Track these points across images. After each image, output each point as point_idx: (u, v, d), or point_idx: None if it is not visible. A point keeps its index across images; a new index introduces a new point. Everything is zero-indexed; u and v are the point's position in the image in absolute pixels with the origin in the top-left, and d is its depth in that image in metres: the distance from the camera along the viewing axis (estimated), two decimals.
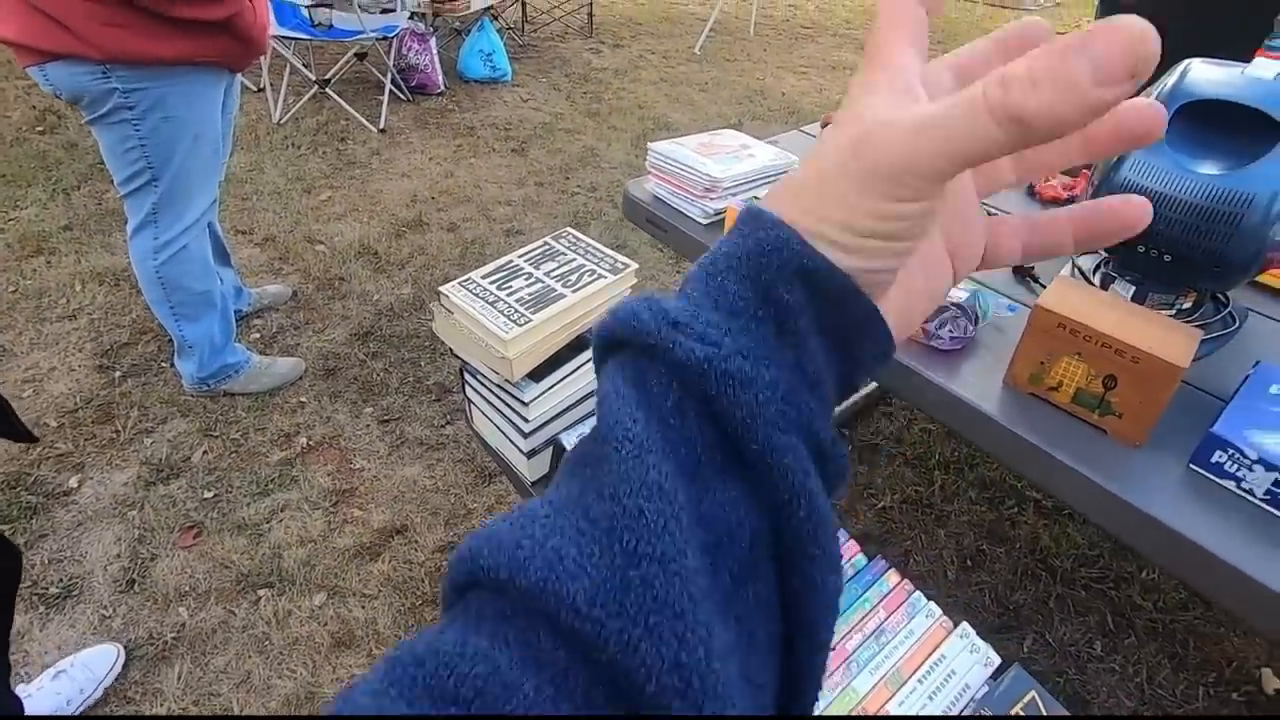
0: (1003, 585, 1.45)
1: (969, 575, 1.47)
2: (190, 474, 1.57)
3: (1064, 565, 1.50)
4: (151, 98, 1.42)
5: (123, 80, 1.37)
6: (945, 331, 0.95)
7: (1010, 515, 1.60)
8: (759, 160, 1.29)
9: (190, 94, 1.47)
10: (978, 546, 1.53)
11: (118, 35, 1.33)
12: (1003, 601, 1.42)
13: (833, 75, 4.81)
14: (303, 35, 3.45)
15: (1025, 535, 1.56)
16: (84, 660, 1.17)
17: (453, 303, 1.02)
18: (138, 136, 1.45)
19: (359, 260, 2.40)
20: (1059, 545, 1.54)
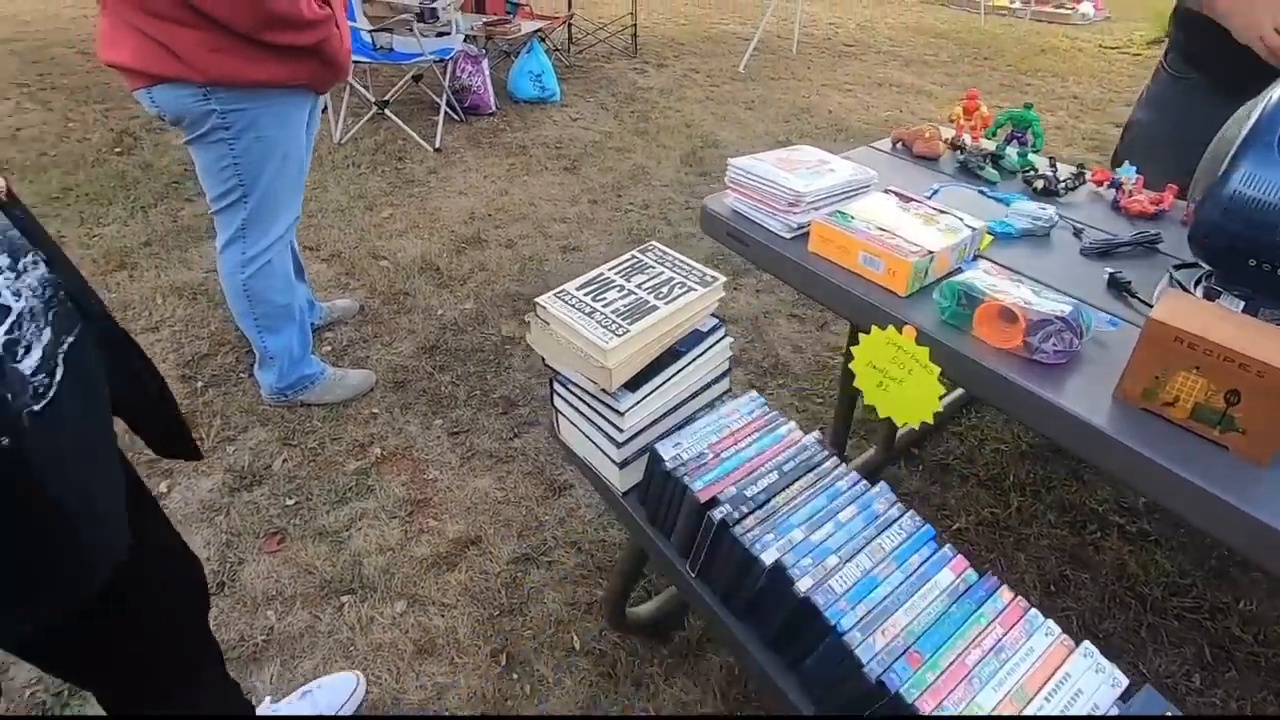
0: (1089, 613, 1.40)
1: (1053, 601, 1.43)
2: (272, 481, 1.62)
3: (1154, 594, 1.44)
4: (246, 118, 1.49)
5: (221, 102, 1.45)
6: (1049, 345, 0.94)
7: (1093, 540, 1.55)
8: (840, 175, 1.30)
9: (281, 115, 1.54)
10: (1060, 571, 1.48)
11: (219, 60, 1.40)
12: (1090, 629, 1.38)
13: (879, 92, 4.80)
14: (364, 59, 3.59)
15: (1110, 561, 1.51)
16: (328, 684, 1.21)
17: (550, 314, 1.04)
18: (232, 155, 1.52)
19: (422, 275, 2.46)
20: (1147, 572, 1.49)
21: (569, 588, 1.42)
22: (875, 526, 0.89)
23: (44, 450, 0.54)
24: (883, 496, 0.94)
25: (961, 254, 1.16)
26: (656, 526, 1.03)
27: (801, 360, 2.14)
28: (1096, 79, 5.42)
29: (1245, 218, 0.92)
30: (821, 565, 0.83)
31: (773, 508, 0.91)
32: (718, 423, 1.05)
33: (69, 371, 0.59)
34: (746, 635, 0.90)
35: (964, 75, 5.34)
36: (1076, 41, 6.69)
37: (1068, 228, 1.30)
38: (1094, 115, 4.55)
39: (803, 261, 1.19)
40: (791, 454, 0.99)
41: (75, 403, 0.59)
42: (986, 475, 1.72)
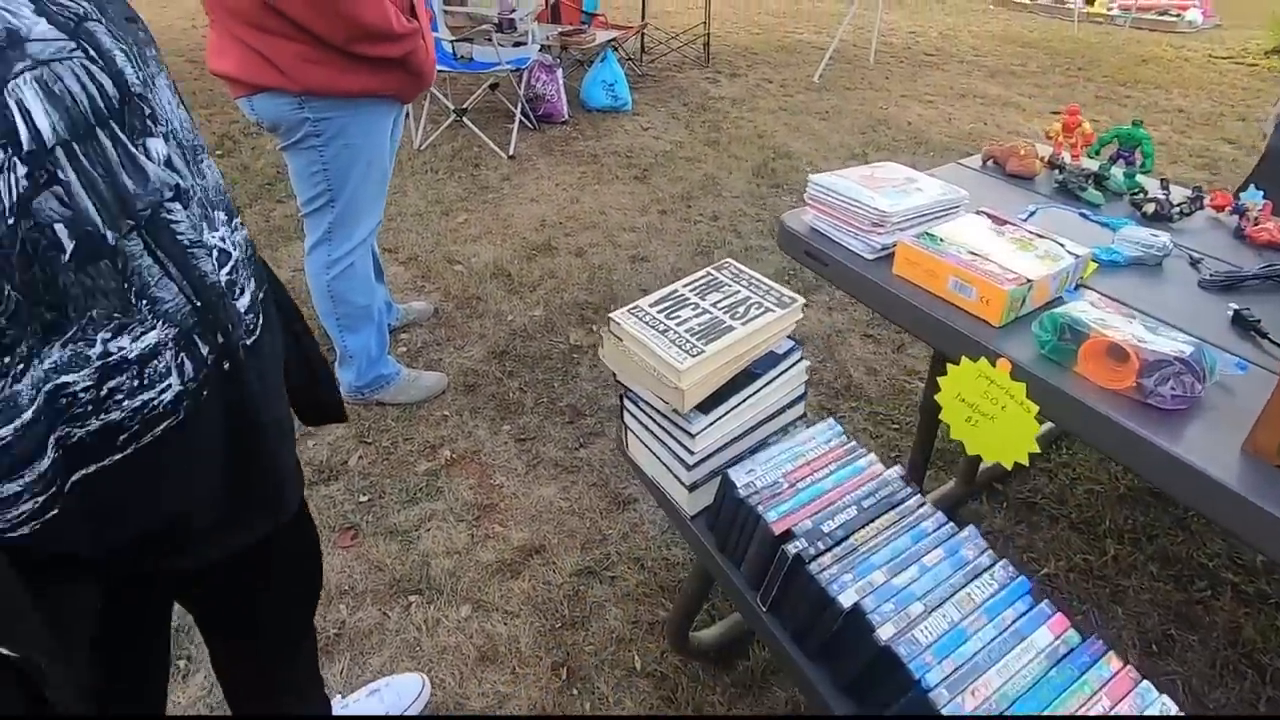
0: (1198, 679, 1.28)
1: (1155, 663, 1.31)
2: (347, 477, 1.67)
3: (1274, 663, 1.31)
4: (336, 126, 1.55)
5: (314, 110, 1.52)
6: (1167, 389, 0.86)
7: (1202, 598, 1.42)
8: (928, 194, 1.24)
9: (368, 123, 1.60)
10: (1164, 630, 1.36)
11: (314, 70, 1.47)
12: (1199, 699, 1.26)
13: (962, 104, 4.62)
14: (444, 68, 3.70)
15: (1223, 623, 1.37)
16: (396, 684, 1.24)
17: (624, 330, 1.03)
18: (322, 161, 1.59)
19: (494, 281, 2.51)
20: (1266, 639, 1.35)
21: (631, 605, 1.41)
22: (964, 574, 0.84)
23: (254, 379, 0.62)
24: (972, 542, 0.88)
25: (1063, 283, 1.09)
26: (726, 554, 1.01)
27: (876, 383, 2.07)
28: (1205, 91, 5.05)
29: None
30: (905, 613, 0.78)
31: (851, 545, 0.86)
32: (793, 450, 1.02)
33: (265, 317, 0.67)
34: (818, 677, 0.86)
35: (1055, 87, 5.07)
36: (1183, 51, 6.27)
37: (1183, 257, 1.20)
38: (1203, 130, 4.24)
39: (886, 285, 1.14)
40: (872, 488, 0.95)
41: (269, 345, 0.67)
42: (1079, 518, 1.61)
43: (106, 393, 0.49)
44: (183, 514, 0.59)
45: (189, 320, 0.53)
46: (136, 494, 0.54)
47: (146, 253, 0.51)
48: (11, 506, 0.46)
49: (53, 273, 0.45)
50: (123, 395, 0.50)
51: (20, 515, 0.46)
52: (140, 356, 0.50)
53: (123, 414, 0.50)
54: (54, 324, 0.45)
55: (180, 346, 0.53)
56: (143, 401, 0.51)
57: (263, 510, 0.70)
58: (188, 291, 0.53)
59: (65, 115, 0.44)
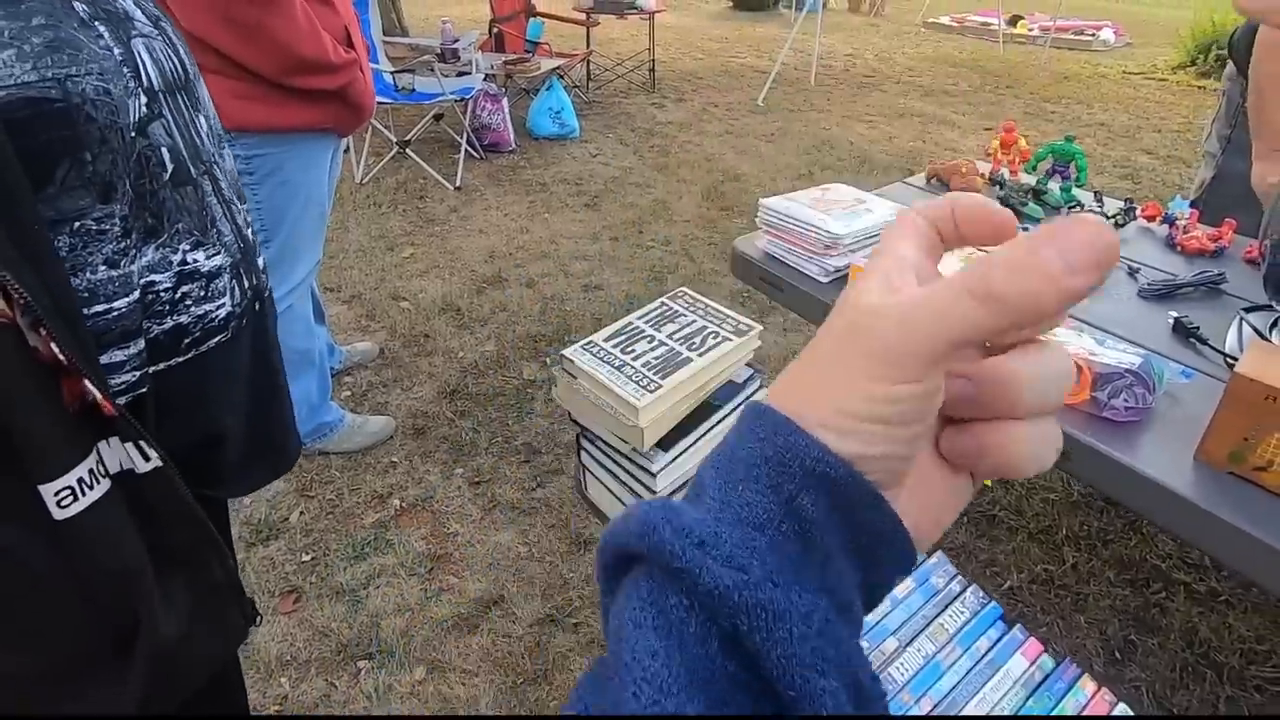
0: (1161, 684, 1.29)
1: (1120, 670, 1.31)
2: (289, 535, 1.57)
3: (1230, 662, 1.33)
4: (271, 163, 1.48)
5: (245, 148, 1.44)
6: (1120, 401, 0.86)
7: (1158, 600, 1.44)
8: (878, 215, 1.24)
9: (305, 159, 1.53)
10: (1125, 636, 1.37)
11: (245, 107, 1.39)
12: (1164, 703, 1.26)
13: (902, 123, 4.78)
14: (386, 100, 3.64)
15: (1180, 625, 1.39)
16: None
17: (577, 367, 0.99)
18: (255, 200, 1.51)
19: (442, 317, 2.44)
20: (1220, 637, 1.37)
21: (597, 652, 1.34)
22: (935, 604, 0.81)
23: (271, 330, 0.76)
24: (941, 569, 0.86)
25: None
26: None
27: None
28: (1123, 105, 5.35)
29: None
30: (879, 650, 0.75)
31: None
32: None
33: None
34: None
35: (986, 104, 5.30)
36: (1099, 68, 6.64)
37: (1122, 267, 1.23)
38: (1123, 142, 4.47)
39: None
40: None
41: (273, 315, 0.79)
42: (1037, 527, 1.62)
43: (180, 295, 0.59)
44: (218, 435, 0.67)
45: (237, 255, 0.65)
46: (193, 396, 0.64)
47: (213, 193, 0.63)
48: (117, 373, 0.55)
49: (156, 186, 0.56)
50: (191, 301, 0.60)
51: (122, 385, 0.55)
52: (209, 272, 0.62)
53: (189, 318, 0.60)
54: (152, 229, 0.57)
55: (234, 275, 0.65)
56: (205, 311, 0.62)
57: (271, 454, 0.78)
58: (235, 234, 0.66)
59: (160, 74, 0.59)
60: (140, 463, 0.52)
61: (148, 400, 0.58)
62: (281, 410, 0.79)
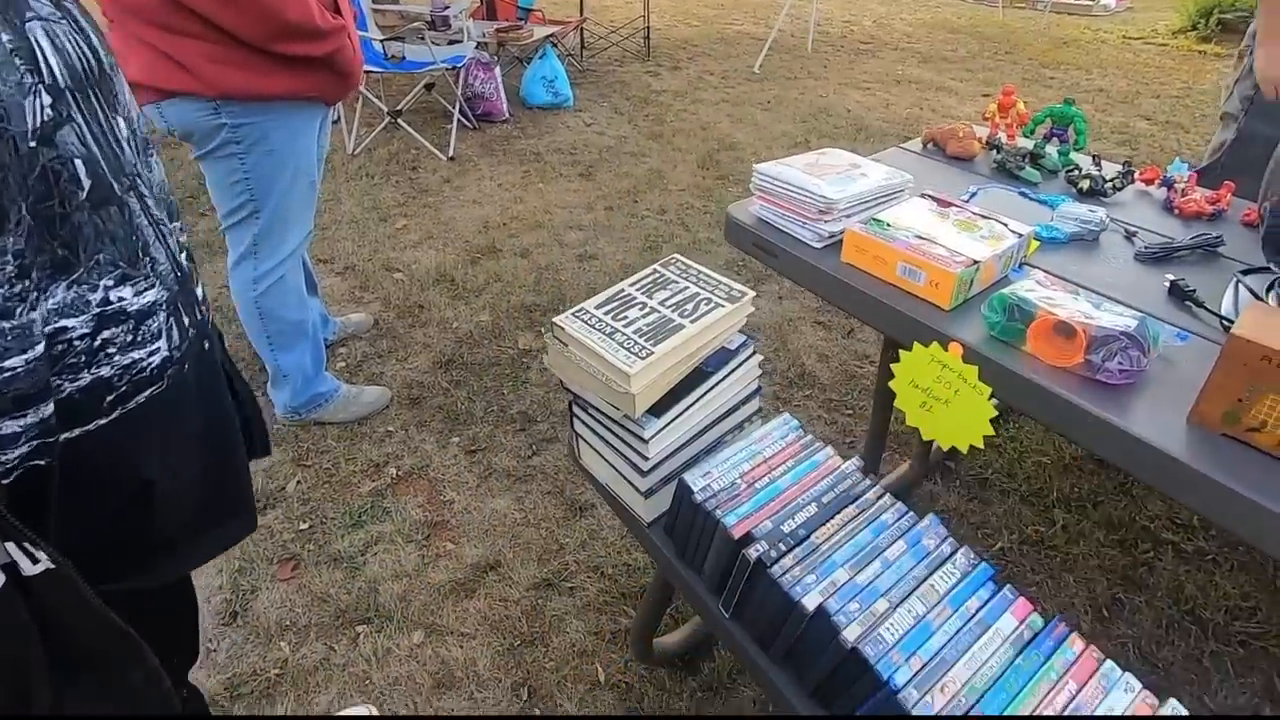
0: (1147, 640, 1.31)
1: (1107, 628, 1.34)
2: (286, 504, 1.57)
3: (1215, 618, 1.35)
4: (258, 132, 1.45)
5: (231, 115, 1.41)
6: (1114, 364, 0.86)
7: (1146, 559, 1.46)
8: (872, 180, 1.22)
9: (293, 128, 1.50)
10: (1113, 594, 1.39)
11: (229, 73, 1.36)
12: (1149, 659, 1.29)
13: (899, 90, 4.70)
14: (376, 69, 3.56)
15: (1166, 583, 1.41)
16: None
17: (569, 335, 0.98)
18: (243, 170, 1.48)
19: (437, 287, 2.42)
20: (1206, 594, 1.39)
21: (592, 615, 1.36)
22: (926, 565, 0.82)
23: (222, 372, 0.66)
24: (933, 531, 0.86)
25: (1008, 262, 1.09)
26: (685, 560, 0.97)
27: (828, 369, 2.07)
28: (1122, 71, 5.26)
29: None
30: (870, 611, 0.76)
31: (812, 544, 0.84)
32: (750, 449, 0.98)
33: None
34: (785, 682, 0.83)
35: (984, 70, 5.22)
36: (1099, 33, 6.53)
37: (1119, 231, 1.22)
38: (1122, 108, 4.41)
39: (836, 273, 1.12)
40: (830, 483, 0.92)
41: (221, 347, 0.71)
42: (1029, 490, 1.63)
43: (100, 343, 0.49)
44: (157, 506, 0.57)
45: (174, 288, 0.55)
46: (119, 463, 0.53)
47: (142, 212, 0.53)
48: (8, 447, 0.43)
49: (69, 209, 0.46)
50: (115, 349, 0.50)
51: (10, 462, 0.44)
52: (139, 311, 0.52)
53: (113, 370, 0.50)
54: (64, 262, 0.46)
55: (171, 311, 0.55)
56: (133, 360, 0.51)
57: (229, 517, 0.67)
58: (169, 261, 0.55)
59: (66, 67, 0.48)
60: (26, 564, 0.43)
61: (50, 479, 0.47)
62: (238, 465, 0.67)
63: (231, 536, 0.68)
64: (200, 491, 0.60)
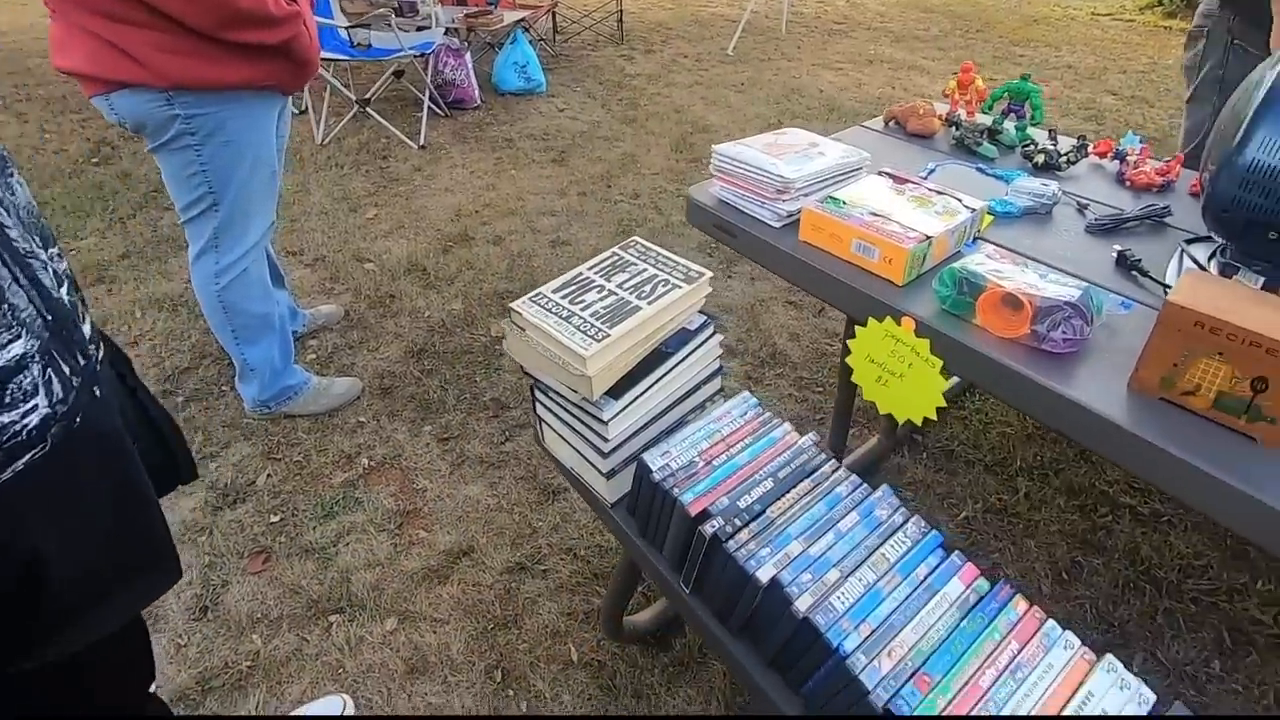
0: (1104, 600, 1.35)
1: (1066, 589, 1.38)
2: (256, 498, 1.57)
3: (1169, 577, 1.39)
4: (213, 122, 1.42)
5: (184, 106, 1.38)
6: (1058, 333, 0.88)
7: (1105, 523, 1.50)
8: (830, 158, 1.23)
9: (249, 118, 1.48)
10: (1072, 558, 1.43)
11: (179, 62, 1.33)
12: (1106, 618, 1.33)
13: (871, 70, 4.70)
14: (342, 56, 3.51)
15: (1123, 545, 1.45)
16: (315, 708, 1.16)
17: (525, 319, 0.98)
18: (199, 162, 1.46)
19: (408, 277, 2.40)
20: (1161, 555, 1.44)
21: (565, 597, 1.37)
22: (878, 535, 0.84)
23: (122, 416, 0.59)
24: (885, 501, 0.88)
25: (961, 237, 1.10)
26: (647, 539, 0.98)
27: (799, 348, 2.09)
28: (1090, 47, 5.30)
29: (1264, 187, 0.86)
30: (821, 581, 0.78)
31: (768, 519, 0.85)
32: (709, 428, 1.00)
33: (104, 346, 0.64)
34: (744, 654, 0.85)
35: (956, 49, 5.23)
36: (1069, 10, 6.56)
37: (1071, 203, 1.24)
38: (1089, 84, 4.45)
39: (794, 251, 1.13)
40: (787, 459, 0.94)
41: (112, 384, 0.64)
42: (993, 460, 1.67)
43: None
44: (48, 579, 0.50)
45: (44, 335, 0.48)
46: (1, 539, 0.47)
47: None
48: None
49: None
50: None
51: None
52: (5, 367, 0.45)
53: None
54: None
55: (46, 361, 0.47)
56: (5, 423, 0.44)
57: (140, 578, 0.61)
58: (37, 303, 0.48)
59: None
60: None
61: None
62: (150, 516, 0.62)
63: (147, 595, 0.63)
64: (105, 553, 0.55)
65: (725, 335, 2.12)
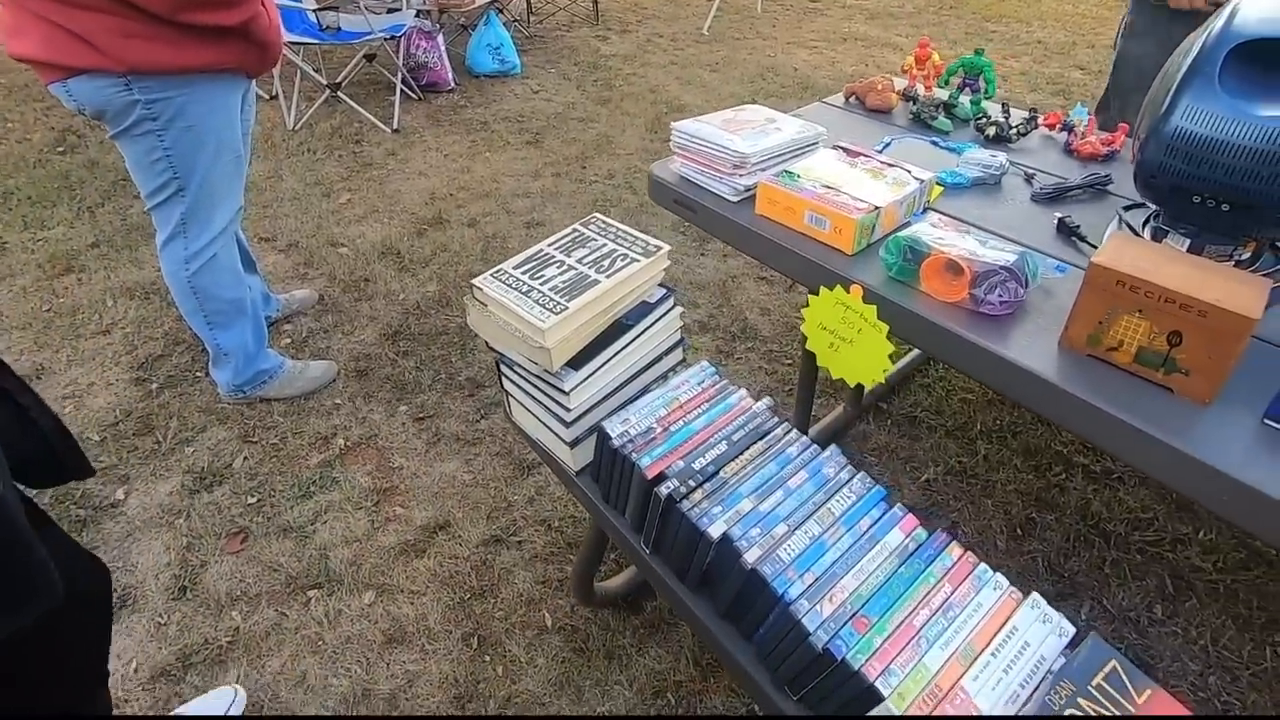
0: (1055, 553, 1.42)
1: (1020, 545, 1.44)
2: (233, 480, 1.59)
3: (1117, 530, 1.46)
4: (174, 107, 1.42)
5: (145, 91, 1.38)
6: (995, 296, 0.92)
7: (1058, 481, 1.57)
8: (786, 134, 1.26)
9: (211, 102, 1.47)
10: (1027, 515, 1.49)
11: (137, 46, 1.33)
12: (1056, 570, 1.39)
13: (845, 48, 4.71)
14: (311, 40, 3.46)
15: (1075, 501, 1.52)
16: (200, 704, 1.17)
17: (486, 295, 1.01)
18: (163, 147, 1.46)
19: (382, 261, 2.41)
20: (1110, 510, 1.50)
21: (540, 566, 1.42)
22: (825, 491, 0.88)
23: None
24: (833, 460, 0.92)
25: (910, 207, 1.14)
26: (611, 504, 1.02)
27: (769, 322, 2.13)
28: (1061, 23, 5.34)
29: (1188, 154, 0.90)
30: (770, 535, 0.82)
31: (721, 480, 0.89)
32: (667, 395, 1.03)
33: None
34: (701, 607, 0.89)
35: (929, 26, 5.25)
36: None
37: (1019, 174, 1.28)
38: (1058, 59, 4.49)
39: (750, 225, 1.16)
40: (742, 422, 0.98)
41: None
42: (954, 425, 1.72)
43: None
44: None
45: None
46: None
47: None
48: None
49: None
50: None
51: None
52: None
53: None
54: None
55: None
56: None
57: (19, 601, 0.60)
58: None
59: None
60: None
61: None
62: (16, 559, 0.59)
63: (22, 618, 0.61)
64: None
65: (698, 311, 2.15)
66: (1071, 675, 0.67)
